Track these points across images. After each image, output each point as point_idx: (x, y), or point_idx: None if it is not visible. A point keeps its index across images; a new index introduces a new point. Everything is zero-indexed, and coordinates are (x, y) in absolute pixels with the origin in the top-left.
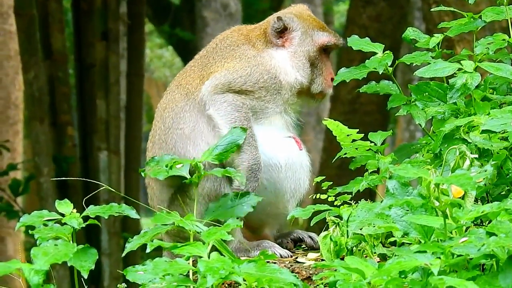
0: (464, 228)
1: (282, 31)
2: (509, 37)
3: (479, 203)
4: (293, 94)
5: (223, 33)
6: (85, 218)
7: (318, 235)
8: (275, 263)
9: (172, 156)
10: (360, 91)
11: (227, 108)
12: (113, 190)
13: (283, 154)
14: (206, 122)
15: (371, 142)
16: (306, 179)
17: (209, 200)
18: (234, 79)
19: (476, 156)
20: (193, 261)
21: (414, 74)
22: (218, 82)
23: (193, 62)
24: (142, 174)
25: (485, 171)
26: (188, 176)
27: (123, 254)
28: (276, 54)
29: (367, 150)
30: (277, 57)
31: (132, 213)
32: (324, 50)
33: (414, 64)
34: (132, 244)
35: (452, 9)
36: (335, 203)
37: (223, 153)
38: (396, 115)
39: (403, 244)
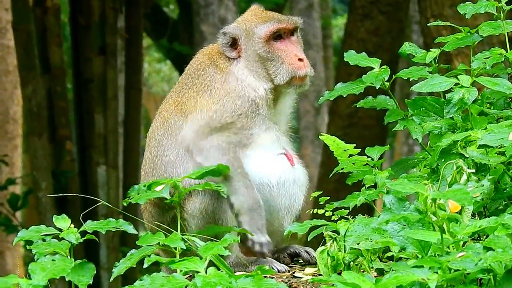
0: (461, 243)
1: (234, 43)
2: (506, 51)
3: (476, 218)
4: (269, 104)
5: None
6: (83, 233)
7: (316, 250)
8: (272, 278)
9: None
10: (357, 106)
11: (215, 153)
12: (110, 206)
13: (274, 172)
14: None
15: (368, 157)
16: (301, 194)
17: (206, 214)
18: (211, 117)
19: (473, 171)
20: (190, 276)
21: (411, 89)
22: (197, 127)
23: (173, 89)
24: (125, 203)
25: (482, 186)
26: (168, 197)
27: (111, 279)
28: (238, 70)
29: (364, 165)
30: (240, 74)
31: (130, 228)
32: (276, 38)
33: (412, 79)
34: (119, 268)
35: (449, 23)
36: (333, 218)
37: (204, 173)
38: (393, 130)
39: (400, 259)
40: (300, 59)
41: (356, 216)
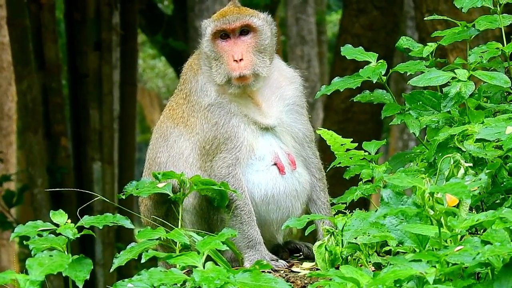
0: (459, 236)
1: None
2: (503, 45)
3: (473, 211)
4: (232, 102)
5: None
6: (80, 229)
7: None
8: (270, 272)
9: (151, 180)
10: (354, 100)
11: (218, 181)
12: (107, 201)
13: (259, 190)
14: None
15: (365, 151)
16: (296, 204)
17: (200, 209)
18: (204, 148)
19: (471, 164)
20: (188, 271)
21: (408, 83)
22: (198, 158)
23: (175, 93)
24: (123, 196)
25: (480, 179)
26: (171, 194)
27: (111, 270)
28: (198, 73)
29: (361, 159)
30: (199, 83)
31: (127, 223)
32: (223, 37)
33: (408, 73)
34: (120, 260)
35: (445, 17)
36: None
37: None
38: (390, 124)
39: (398, 253)
40: (236, 60)
41: (353, 211)
